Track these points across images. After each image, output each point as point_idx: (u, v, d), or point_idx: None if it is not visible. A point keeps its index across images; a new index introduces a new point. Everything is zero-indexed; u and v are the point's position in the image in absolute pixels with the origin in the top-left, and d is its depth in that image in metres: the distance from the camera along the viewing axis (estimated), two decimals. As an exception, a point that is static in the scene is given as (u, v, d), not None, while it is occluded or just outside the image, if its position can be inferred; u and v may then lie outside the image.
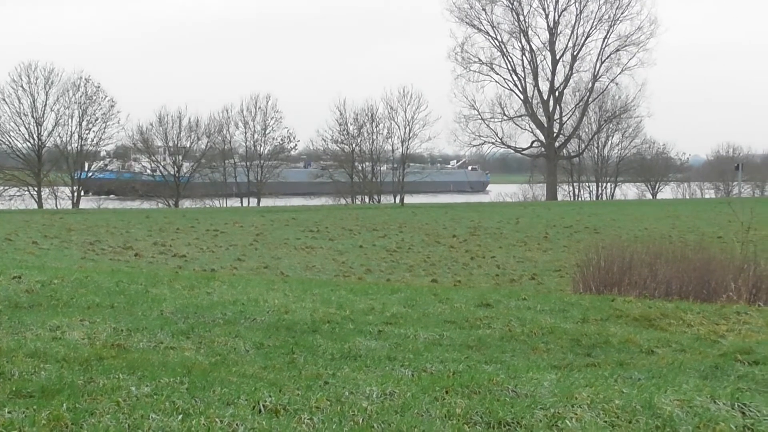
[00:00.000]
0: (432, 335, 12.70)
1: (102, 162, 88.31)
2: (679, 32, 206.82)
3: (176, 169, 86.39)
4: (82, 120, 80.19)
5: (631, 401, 7.82)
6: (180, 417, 7.09)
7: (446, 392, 8.08)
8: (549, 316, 15.05)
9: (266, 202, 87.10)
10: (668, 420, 7.41)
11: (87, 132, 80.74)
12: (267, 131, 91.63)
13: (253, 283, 18.98)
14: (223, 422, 6.96)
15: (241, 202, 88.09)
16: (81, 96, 79.93)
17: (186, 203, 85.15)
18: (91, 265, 27.69)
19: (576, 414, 7.47)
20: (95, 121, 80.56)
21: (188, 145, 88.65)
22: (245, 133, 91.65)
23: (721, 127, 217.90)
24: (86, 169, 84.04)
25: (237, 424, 6.93)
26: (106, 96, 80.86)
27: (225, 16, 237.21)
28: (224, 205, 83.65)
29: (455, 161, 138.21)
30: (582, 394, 7.99)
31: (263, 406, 7.49)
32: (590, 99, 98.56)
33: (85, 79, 79.72)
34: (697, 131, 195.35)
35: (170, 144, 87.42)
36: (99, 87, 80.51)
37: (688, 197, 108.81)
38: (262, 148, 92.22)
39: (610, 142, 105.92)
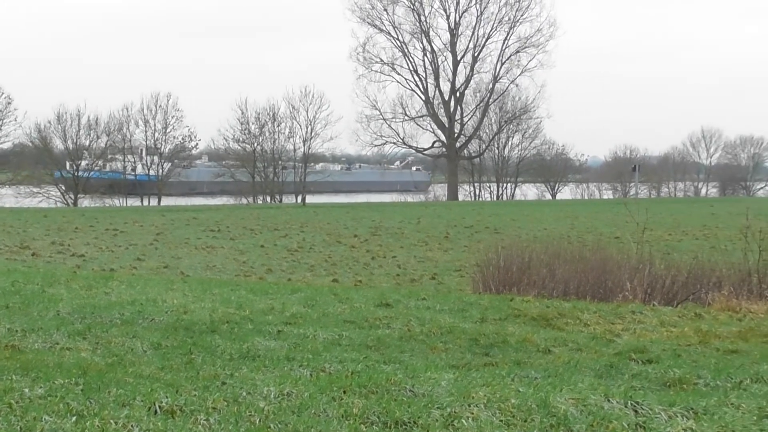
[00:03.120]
0: (331, 335, 12.71)
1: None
2: (576, 34, 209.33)
3: (75, 167, 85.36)
4: (-23, 117, 78.97)
5: (527, 400, 7.89)
6: (74, 419, 7.00)
7: (344, 392, 8.08)
8: (448, 315, 15.13)
9: (167, 201, 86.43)
10: (563, 418, 7.49)
11: (-18, 129, 79.54)
12: (168, 130, 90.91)
13: (152, 282, 18.84)
14: (118, 424, 6.88)
15: (142, 201, 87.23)
16: (-24, 93, 78.72)
17: (85, 202, 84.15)
18: (-14, 264, 27.23)
19: (472, 413, 7.51)
20: (-9, 118, 79.39)
21: (87, 143, 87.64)
22: (146, 131, 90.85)
23: (618, 128, 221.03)
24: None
25: (132, 426, 6.86)
26: (3, 93, 79.83)
27: (123, 12, 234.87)
28: (124, 204, 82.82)
29: (399, 162, 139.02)
30: (479, 393, 8.04)
31: (159, 407, 7.43)
32: (491, 100, 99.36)
33: (-20, 75, 78.71)
34: (596, 133, 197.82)
35: (69, 142, 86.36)
36: (-5, 84, 79.38)
37: (586, 198, 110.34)
38: (162, 147, 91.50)
39: (510, 143, 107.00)
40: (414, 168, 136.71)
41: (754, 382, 9.99)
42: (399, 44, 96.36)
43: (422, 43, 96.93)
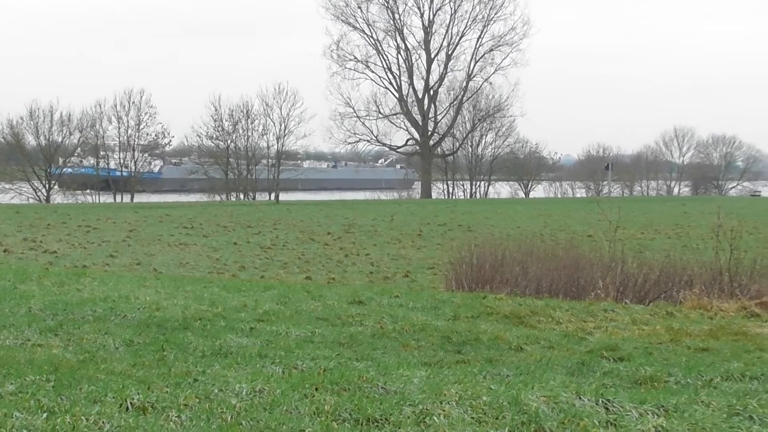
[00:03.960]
0: (304, 332, 12.71)
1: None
2: (551, 34, 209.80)
3: (48, 163, 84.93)
4: (-52, 113, 78.54)
5: (499, 397, 7.90)
6: (45, 415, 6.97)
7: (316, 389, 8.07)
8: (421, 313, 15.14)
9: (140, 198, 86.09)
10: (534, 416, 7.49)
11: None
12: (141, 126, 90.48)
13: (125, 279, 18.80)
14: (89, 420, 6.86)
15: (114, 198, 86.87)
16: (-54, 88, 78.50)
17: (57, 198, 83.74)
18: (-43, 261, 27.10)
19: (444, 410, 7.51)
20: (-39, 114, 79.04)
21: (60, 140, 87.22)
22: (119, 128, 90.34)
23: (592, 127, 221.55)
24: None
25: (103, 422, 6.84)
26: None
27: (96, 8, 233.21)
28: (97, 201, 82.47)
29: (383, 159, 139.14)
30: (450, 390, 8.04)
31: (131, 403, 7.40)
32: (464, 98, 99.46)
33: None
34: (569, 131, 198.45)
35: (41, 138, 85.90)
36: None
37: (559, 196, 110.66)
38: (136, 144, 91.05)
39: (483, 141, 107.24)
40: (398, 166, 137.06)
41: (725, 379, 10.04)
42: (373, 42, 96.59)
43: (396, 41, 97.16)
